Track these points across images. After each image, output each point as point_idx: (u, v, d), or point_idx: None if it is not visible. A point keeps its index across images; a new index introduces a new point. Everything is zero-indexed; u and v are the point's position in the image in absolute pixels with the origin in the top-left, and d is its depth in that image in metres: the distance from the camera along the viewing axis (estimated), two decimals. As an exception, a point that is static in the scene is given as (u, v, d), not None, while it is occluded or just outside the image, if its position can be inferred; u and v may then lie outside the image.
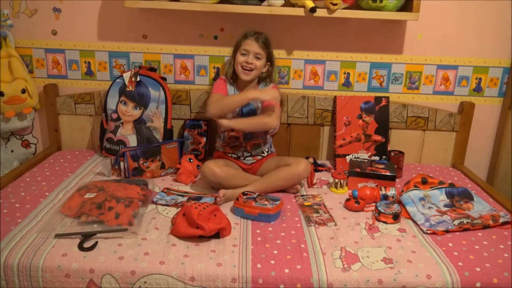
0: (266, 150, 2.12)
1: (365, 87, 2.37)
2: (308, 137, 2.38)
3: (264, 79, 2.10)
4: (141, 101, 2.18)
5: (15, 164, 2.37)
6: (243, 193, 1.79)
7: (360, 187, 1.94)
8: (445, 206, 1.83)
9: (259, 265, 1.42)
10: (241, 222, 1.69)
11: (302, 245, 1.54)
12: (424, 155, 2.40)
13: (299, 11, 2.06)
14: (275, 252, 1.49)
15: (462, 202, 1.84)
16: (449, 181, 2.04)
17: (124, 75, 2.18)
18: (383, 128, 2.27)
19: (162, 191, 1.92)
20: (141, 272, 1.40)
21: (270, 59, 2.08)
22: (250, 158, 2.08)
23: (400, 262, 1.46)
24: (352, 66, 2.32)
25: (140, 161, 2.04)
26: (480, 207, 1.82)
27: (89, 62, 2.35)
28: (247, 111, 2.04)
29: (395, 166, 2.10)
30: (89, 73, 2.37)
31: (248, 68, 2.00)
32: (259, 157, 2.09)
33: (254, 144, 2.07)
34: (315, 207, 1.83)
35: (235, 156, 2.08)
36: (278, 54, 2.30)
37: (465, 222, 1.69)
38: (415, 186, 1.92)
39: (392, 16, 2.08)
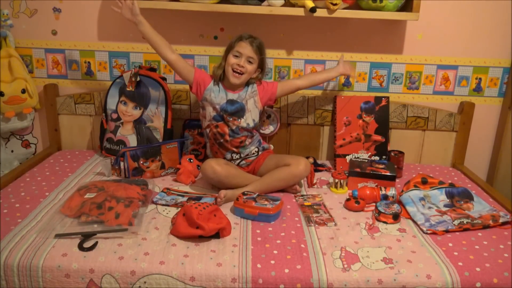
0: (256, 150, 2.08)
1: (365, 87, 2.37)
2: (308, 137, 2.37)
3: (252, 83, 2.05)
4: (141, 101, 2.18)
5: (15, 164, 2.37)
6: (243, 193, 1.79)
7: (360, 187, 1.94)
8: (445, 206, 1.83)
9: (259, 265, 1.42)
10: (241, 222, 1.69)
11: (302, 245, 1.54)
12: (424, 155, 2.40)
13: (299, 11, 2.06)
14: (275, 252, 1.49)
15: (462, 202, 1.84)
16: (449, 181, 2.04)
17: (124, 75, 2.18)
18: (383, 128, 2.27)
19: (162, 191, 1.92)
20: (141, 272, 1.40)
21: (261, 65, 2.02)
22: (244, 162, 2.07)
23: (400, 262, 1.46)
24: (352, 66, 2.32)
25: (140, 161, 2.04)
26: (480, 207, 1.82)
27: (89, 62, 2.35)
28: (234, 109, 1.99)
29: (395, 166, 2.10)
30: (89, 73, 2.37)
31: (238, 71, 1.95)
32: (252, 158, 2.07)
33: (240, 142, 2.02)
34: (315, 207, 1.83)
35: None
36: (278, 54, 2.30)
37: (465, 222, 1.69)
38: (415, 186, 1.92)
39: (392, 16, 2.08)
